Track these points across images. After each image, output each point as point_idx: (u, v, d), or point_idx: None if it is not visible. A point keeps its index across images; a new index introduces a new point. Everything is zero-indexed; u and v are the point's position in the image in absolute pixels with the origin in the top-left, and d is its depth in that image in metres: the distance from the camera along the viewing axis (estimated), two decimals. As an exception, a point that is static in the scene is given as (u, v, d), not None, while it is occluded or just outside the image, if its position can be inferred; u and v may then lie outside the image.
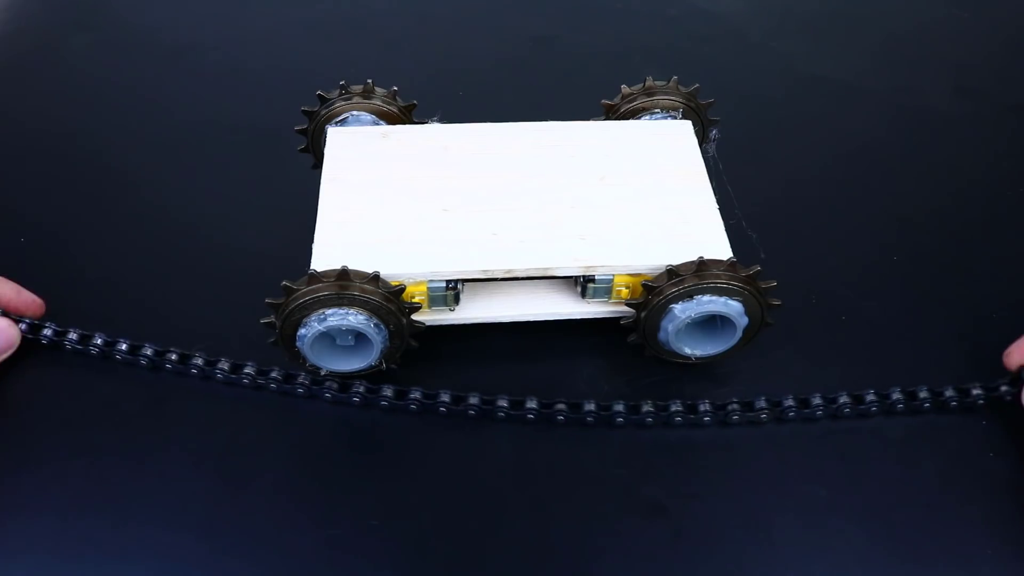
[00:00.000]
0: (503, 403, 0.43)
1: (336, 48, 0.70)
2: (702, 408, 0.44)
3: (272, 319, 0.41)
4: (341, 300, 0.40)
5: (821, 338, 0.48)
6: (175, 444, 0.43)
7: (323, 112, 0.50)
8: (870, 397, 0.44)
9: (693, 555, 0.40)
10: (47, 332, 0.46)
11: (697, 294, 0.42)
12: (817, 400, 0.44)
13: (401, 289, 0.41)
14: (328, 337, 0.42)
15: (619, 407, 0.44)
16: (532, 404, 0.43)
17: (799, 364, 0.47)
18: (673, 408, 0.44)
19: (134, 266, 0.52)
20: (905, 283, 0.52)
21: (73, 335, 0.45)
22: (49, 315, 0.47)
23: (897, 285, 0.52)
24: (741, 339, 0.44)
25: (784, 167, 0.60)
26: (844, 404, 0.44)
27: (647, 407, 0.44)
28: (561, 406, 0.44)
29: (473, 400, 0.43)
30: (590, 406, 0.43)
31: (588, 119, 0.51)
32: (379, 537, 0.40)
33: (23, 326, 0.45)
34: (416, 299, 0.43)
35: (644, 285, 0.42)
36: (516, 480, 0.42)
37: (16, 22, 0.73)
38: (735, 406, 0.44)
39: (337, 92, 0.50)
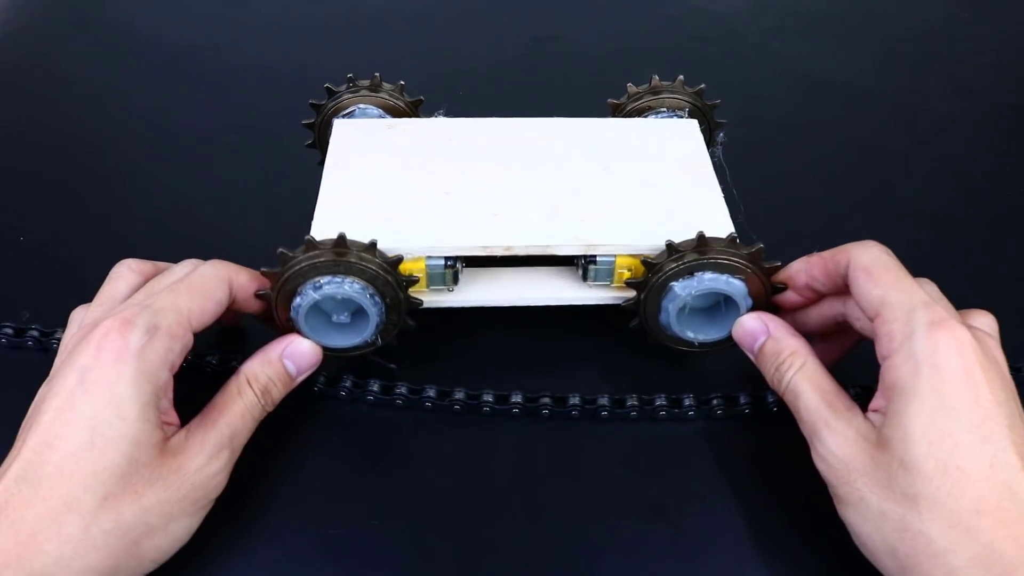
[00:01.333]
0: (501, 402, 0.44)
1: (335, 49, 0.70)
2: (692, 403, 0.44)
3: (268, 291, 0.41)
4: (338, 267, 0.40)
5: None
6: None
7: (330, 105, 0.50)
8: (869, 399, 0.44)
9: (693, 555, 0.40)
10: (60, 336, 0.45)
11: (698, 271, 0.41)
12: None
13: (399, 259, 0.41)
14: (323, 313, 0.42)
15: (604, 401, 0.44)
16: (518, 399, 0.44)
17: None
18: (658, 402, 0.44)
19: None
20: (905, 283, 0.52)
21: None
22: (48, 317, 0.47)
23: (897, 285, 0.52)
24: None
25: (784, 167, 0.60)
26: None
27: (633, 401, 0.44)
28: (546, 401, 0.44)
29: (459, 395, 0.44)
30: (601, 401, 0.44)
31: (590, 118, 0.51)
32: (379, 537, 0.40)
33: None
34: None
35: (644, 263, 0.42)
36: (516, 480, 0.42)
37: (15, 23, 0.73)
38: (734, 403, 0.44)
39: (344, 86, 0.50)
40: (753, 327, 0.41)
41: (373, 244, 0.40)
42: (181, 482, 0.35)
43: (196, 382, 0.44)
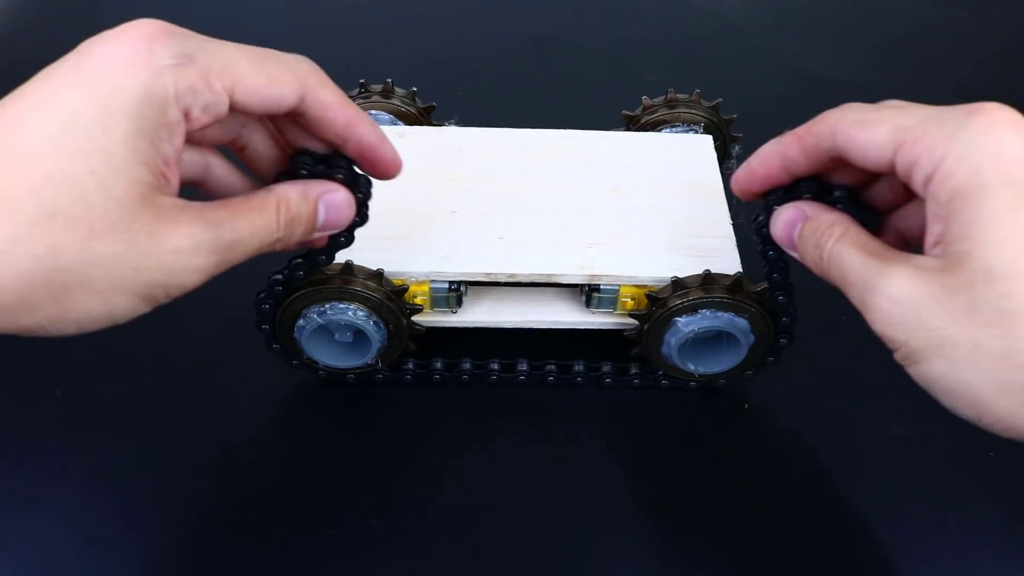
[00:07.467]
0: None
1: (335, 49, 0.70)
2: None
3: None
4: (343, 294, 0.40)
5: (821, 338, 0.48)
6: (174, 444, 0.43)
7: None
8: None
9: (693, 555, 0.40)
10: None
11: (702, 308, 0.40)
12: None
13: (404, 289, 0.41)
14: (326, 331, 0.42)
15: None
16: (524, 367, 0.44)
17: (799, 365, 0.47)
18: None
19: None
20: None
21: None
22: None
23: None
24: (747, 359, 0.43)
25: (784, 167, 0.60)
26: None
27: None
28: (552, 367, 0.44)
29: (468, 366, 0.44)
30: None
31: (588, 119, 0.51)
32: (379, 537, 0.40)
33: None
34: (418, 299, 0.43)
35: (648, 296, 0.41)
36: (516, 480, 0.42)
37: (15, 23, 0.73)
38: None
39: (356, 91, 0.50)
40: (790, 216, 0.35)
41: (379, 273, 0.40)
42: (150, 251, 0.28)
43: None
